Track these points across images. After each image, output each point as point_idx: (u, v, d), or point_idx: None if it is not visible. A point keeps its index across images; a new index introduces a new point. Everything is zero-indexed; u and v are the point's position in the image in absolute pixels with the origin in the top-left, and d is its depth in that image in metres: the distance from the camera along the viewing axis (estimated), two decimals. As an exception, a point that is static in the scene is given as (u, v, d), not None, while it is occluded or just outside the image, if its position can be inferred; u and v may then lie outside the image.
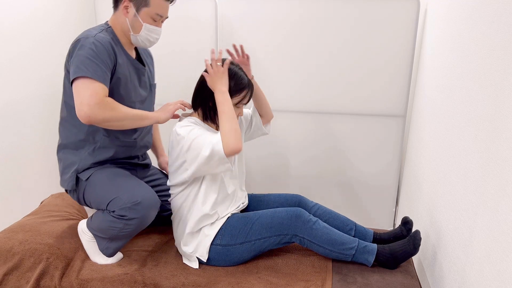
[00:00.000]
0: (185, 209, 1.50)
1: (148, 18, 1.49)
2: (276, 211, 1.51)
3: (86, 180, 1.50)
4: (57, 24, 2.23)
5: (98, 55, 1.39)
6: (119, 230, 1.44)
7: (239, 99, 1.49)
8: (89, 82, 1.36)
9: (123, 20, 1.50)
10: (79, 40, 1.40)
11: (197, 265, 1.49)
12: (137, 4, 1.47)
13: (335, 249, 1.47)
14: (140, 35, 1.52)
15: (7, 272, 1.41)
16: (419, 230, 1.51)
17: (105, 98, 1.37)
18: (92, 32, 1.43)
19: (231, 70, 1.47)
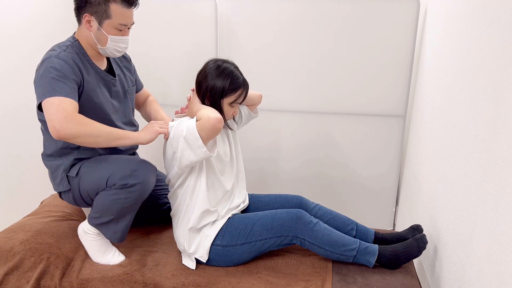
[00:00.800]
0: (184, 204, 1.51)
1: (112, 29, 1.46)
2: (277, 212, 1.51)
3: (77, 175, 1.49)
4: (56, 24, 2.22)
5: (63, 73, 1.38)
6: (123, 202, 1.43)
7: (234, 98, 1.49)
8: (57, 99, 1.34)
9: (87, 34, 1.48)
10: (43, 62, 1.40)
11: (194, 266, 1.49)
12: (98, 17, 1.43)
13: (336, 250, 1.47)
14: (108, 47, 1.49)
15: (8, 272, 1.41)
16: (425, 234, 1.50)
17: (74, 112, 1.34)
18: (55, 51, 1.43)
19: (227, 68, 1.47)
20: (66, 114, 1.32)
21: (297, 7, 2.15)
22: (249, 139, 2.44)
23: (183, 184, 1.50)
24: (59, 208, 1.75)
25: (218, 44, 2.27)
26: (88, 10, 1.43)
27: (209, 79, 1.46)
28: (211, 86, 1.46)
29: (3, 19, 1.88)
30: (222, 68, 1.47)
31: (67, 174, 1.51)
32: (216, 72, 1.46)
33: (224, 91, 1.46)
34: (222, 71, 1.46)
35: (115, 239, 1.50)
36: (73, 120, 1.32)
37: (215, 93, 1.46)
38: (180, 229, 1.53)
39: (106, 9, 1.43)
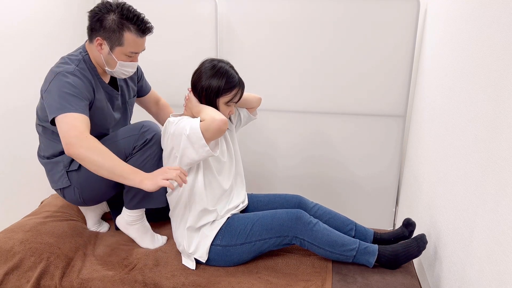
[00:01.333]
0: (182, 204, 1.50)
1: (122, 56, 1.47)
2: (276, 212, 1.51)
3: (79, 168, 1.50)
4: (56, 24, 2.23)
5: (79, 90, 1.39)
6: (152, 158, 1.49)
7: (229, 97, 1.49)
8: (70, 117, 1.35)
9: (97, 54, 1.48)
10: (57, 75, 1.40)
11: (194, 266, 1.49)
12: (110, 43, 1.44)
13: (336, 250, 1.47)
14: (115, 71, 1.51)
15: (8, 272, 1.41)
16: (425, 234, 1.51)
17: (85, 132, 1.34)
18: (69, 66, 1.43)
19: (222, 68, 1.47)
20: (78, 132, 1.32)
21: (297, 7, 2.15)
22: (249, 139, 2.44)
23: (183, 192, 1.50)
24: (59, 208, 1.75)
25: (218, 44, 2.27)
26: (101, 34, 1.43)
27: (205, 79, 1.46)
28: (207, 85, 1.46)
29: (3, 19, 1.88)
30: (218, 68, 1.47)
31: (67, 170, 1.52)
32: (211, 72, 1.46)
33: (220, 90, 1.46)
34: (217, 70, 1.46)
35: (161, 202, 1.56)
36: (82, 141, 1.31)
37: (211, 93, 1.46)
38: (179, 230, 1.53)
39: (120, 37, 1.43)
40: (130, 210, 1.58)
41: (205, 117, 1.38)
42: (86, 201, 1.58)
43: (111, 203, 1.77)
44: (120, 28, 1.42)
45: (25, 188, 2.10)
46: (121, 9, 1.42)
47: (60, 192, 1.58)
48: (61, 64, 1.45)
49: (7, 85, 1.93)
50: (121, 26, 1.42)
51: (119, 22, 1.41)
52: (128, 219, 1.59)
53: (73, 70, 1.42)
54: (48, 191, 2.20)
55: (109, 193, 1.58)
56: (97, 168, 1.32)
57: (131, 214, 1.59)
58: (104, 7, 1.43)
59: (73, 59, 1.47)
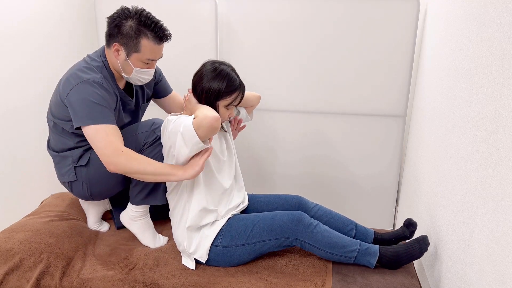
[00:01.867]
0: (182, 204, 1.51)
1: (138, 62, 1.47)
2: (277, 214, 1.51)
3: (88, 164, 1.51)
4: (56, 24, 2.23)
5: (106, 100, 1.42)
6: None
7: (230, 100, 1.49)
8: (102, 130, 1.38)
9: (114, 60, 1.49)
10: (85, 81, 1.40)
11: (194, 266, 1.49)
12: (127, 49, 1.44)
13: (337, 252, 1.47)
14: (131, 77, 1.51)
15: (8, 272, 1.41)
16: (427, 236, 1.50)
17: (120, 146, 1.38)
18: (91, 75, 1.42)
19: (224, 70, 1.47)
20: (113, 149, 1.37)
21: (297, 7, 2.15)
22: (248, 139, 2.44)
23: (181, 183, 1.50)
24: (59, 208, 1.75)
25: (218, 44, 2.27)
26: (119, 40, 1.43)
27: (206, 81, 1.46)
28: (207, 88, 1.45)
29: (3, 19, 1.88)
30: (219, 70, 1.46)
31: (75, 165, 1.53)
32: (212, 74, 1.46)
33: (220, 93, 1.45)
34: (218, 73, 1.46)
35: (164, 200, 1.59)
36: (120, 158, 1.36)
37: (211, 95, 1.46)
38: (179, 229, 1.53)
39: (137, 43, 1.43)
40: (135, 206, 1.60)
41: (198, 114, 1.38)
42: (93, 196, 1.59)
43: (113, 201, 1.78)
44: (137, 34, 1.42)
45: (25, 188, 2.10)
46: (139, 16, 1.42)
47: (68, 185, 1.59)
48: (85, 69, 1.44)
49: (7, 85, 1.93)
50: (138, 33, 1.42)
51: (137, 29, 1.41)
52: (133, 214, 1.61)
53: (100, 80, 1.43)
54: (48, 191, 2.20)
55: (117, 188, 1.60)
56: (141, 176, 1.40)
57: (136, 210, 1.60)
58: (122, 13, 1.43)
59: (96, 65, 1.47)
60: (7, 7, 1.89)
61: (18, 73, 1.99)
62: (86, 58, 1.51)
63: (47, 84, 2.18)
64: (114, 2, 2.25)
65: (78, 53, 2.41)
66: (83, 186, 1.56)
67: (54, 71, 2.22)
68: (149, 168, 1.38)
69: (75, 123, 1.40)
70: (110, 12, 1.56)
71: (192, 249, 1.49)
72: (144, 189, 1.56)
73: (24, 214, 1.87)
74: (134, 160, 1.38)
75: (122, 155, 1.37)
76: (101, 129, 1.38)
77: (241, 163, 2.41)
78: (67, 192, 1.90)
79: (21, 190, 2.08)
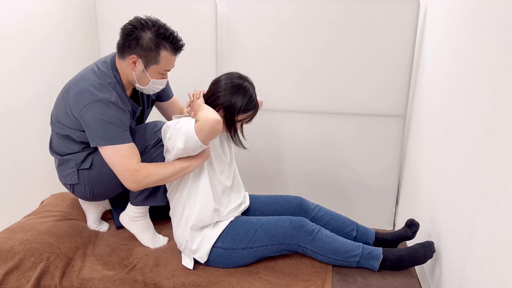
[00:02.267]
0: (183, 204, 1.51)
1: (156, 74, 1.47)
2: (279, 219, 1.51)
3: (91, 167, 1.52)
4: (56, 24, 2.23)
5: (123, 121, 1.42)
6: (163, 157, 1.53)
7: (243, 117, 1.50)
8: (118, 152, 1.39)
9: (129, 72, 1.46)
10: (100, 100, 1.38)
11: (192, 265, 1.49)
12: (145, 61, 1.42)
13: (339, 257, 1.47)
14: (146, 88, 1.51)
15: (8, 272, 1.41)
16: (433, 242, 1.49)
17: (136, 166, 1.40)
18: (111, 95, 1.41)
19: (245, 87, 1.47)
20: (130, 171, 1.39)
21: (297, 7, 2.15)
22: (248, 139, 2.43)
23: (182, 183, 1.50)
24: (59, 208, 1.75)
25: (218, 44, 2.27)
26: (137, 52, 1.41)
27: (227, 94, 1.45)
28: (229, 101, 1.45)
29: (3, 19, 1.88)
30: (243, 86, 1.47)
31: (78, 168, 1.53)
32: (236, 88, 1.46)
33: (240, 109, 1.46)
34: (242, 88, 1.46)
35: (163, 200, 1.60)
36: (137, 177, 1.40)
37: (232, 109, 1.46)
38: (179, 228, 1.53)
39: (156, 56, 1.42)
40: (134, 207, 1.60)
41: (199, 118, 1.38)
42: (95, 197, 1.59)
43: (113, 201, 1.78)
44: (157, 47, 1.40)
45: (25, 188, 2.10)
46: (157, 28, 1.40)
47: (70, 187, 1.59)
48: (99, 85, 1.41)
49: (7, 85, 1.93)
50: (158, 45, 1.40)
51: (156, 41, 1.40)
52: (132, 215, 1.61)
53: (115, 100, 1.41)
54: (48, 191, 2.20)
55: (119, 189, 1.60)
56: (163, 181, 1.45)
57: (135, 211, 1.61)
58: (139, 24, 1.40)
59: (109, 82, 1.44)
60: (7, 7, 1.89)
61: (18, 73, 1.99)
62: (95, 69, 1.46)
63: (47, 84, 2.18)
64: (114, 2, 2.25)
65: (78, 53, 2.41)
66: (85, 188, 1.56)
67: (54, 71, 2.22)
68: (167, 172, 1.42)
69: (92, 143, 1.42)
70: (110, 12, 1.56)
71: (194, 247, 1.49)
72: (145, 191, 1.56)
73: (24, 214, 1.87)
74: (151, 172, 1.41)
75: (139, 174, 1.39)
76: (117, 151, 1.39)
77: (242, 163, 2.41)
78: (67, 192, 1.90)
79: (21, 190, 2.08)
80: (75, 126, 1.46)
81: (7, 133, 1.96)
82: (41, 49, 2.13)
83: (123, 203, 1.69)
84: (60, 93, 1.51)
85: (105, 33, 2.32)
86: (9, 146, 1.98)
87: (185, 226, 1.50)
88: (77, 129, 1.46)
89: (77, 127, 1.46)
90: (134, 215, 1.61)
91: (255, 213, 1.68)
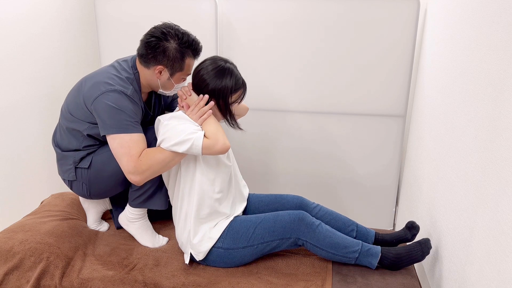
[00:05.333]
0: (181, 195, 1.50)
1: (179, 79, 1.52)
2: (278, 214, 1.51)
3: (90, 167, 1.52)
4: (56, 24, 2.23)
5: (133, 111, 1.42)
6: None
7: (235, 98, 1.50)
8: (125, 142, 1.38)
9: (153, 79, 1.49)
10: (115, 90, 1.40)
11: (188, 261, 1.50)
12: (172, 70, 1.46)
13: (338, 252, 1.47)
14: (170, 92, 1.56)
15: (8, 272, 1.41)
16: (429, 239, 1.50)
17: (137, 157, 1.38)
18: (128, 88, 1.43)
19: (229, 69, 1.48)
20: (133, 163, 1.37)
21: (297, 7, 2.15)
22: (249, 139, 2.44)
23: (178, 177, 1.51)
24: (59, 208, 1.75)
25: (218, 44, 2.27)
26: (164, 63, 1.44)
27: (213, 79, 1.46)
28: (218, 86, 1.45)
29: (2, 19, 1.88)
30: (226, 68, 1.47)
31: (76, 166, 1.53)
32: (220, 73, 1.46)
33: (231, 90, 1.47)
34: (226, 71, 1.47)
35: (162, 205, 1.60)
36: (139, 168, 1.37)
37: (223, 94, 1.46)
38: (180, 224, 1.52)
39: (182, 64, 1.47)
40: (132, 208, 1.60)
41: (208, 135, 1.40)
42: (92, 196, 1.59)
43: (113, 200, 1.78)
44: (182, 55, 1.45)
45: (25, 188, 2.10)
46: (182, 36, 1.43)
47: (68, 183, 1.60)
48: (117, 78, 1.44)
49: (7, 85, 1.93)
50: (183, 54, 1.45)
51: (181, 51, 1.44)
52: (130, 216, 1.62)
53: (131, 93, 1.43)
54: (48, 191, 2.20)
55: (117, 190, 1.60)
56: (165, 168, 1.42)
57: (134, 212, 1.61)
58: (161, 35, 1.42)
59: (127, 77, 1.47)
60: (7, 6, 1.89)
61: (18, 73, 1.99)
62: (116, 65, 1.50)
63: (47, 83, 2.18)
64: (114, 2, 2.25)
65: (78, 52, 2.41)
66: (82, 186, 1.56)
67: (54, 70, 2.22)
68: (166, 157, 1.39)
69: (102, 131, 1.41)
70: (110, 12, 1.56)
71: (195, 240, 1.48)
72: (144, 194, 1.56)
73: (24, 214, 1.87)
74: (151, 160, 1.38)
75: (140, 164, 1.37)
76: (125, 141, 1.38)
77: (242, 163, 2.41)
78: (67, 192, 1.90)
79: (21, 190, 2.08)
80: (86, 118, 1.46)
81: (7, 133, 1.96)
82: (41, 49, 2.13)
83: (124, 203, 1.69)
84: (75, 85, 1.52)
85: (105, 33, 2.32)
86: (9, 146, 1.98)
87: (186, 220, 1.50)
88: (86, 121, 1.46)
89: (87, 119, 1.46)
90: (132, 216, 1.62)
91: (255, 212, 1.69)
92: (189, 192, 1.49)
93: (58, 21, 2.23)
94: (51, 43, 2.19)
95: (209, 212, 1.49)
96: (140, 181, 1.40)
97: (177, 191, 1.53)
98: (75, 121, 1.48)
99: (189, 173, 1.49)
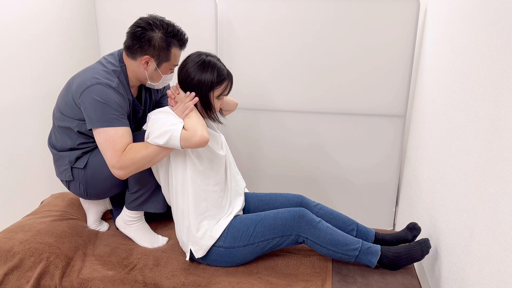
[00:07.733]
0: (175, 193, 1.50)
1: (167, 70, 1.53)
2: (278, 212, 1.51)
3: (85, 167, 1.52)
4: (56, 24, 2.23)
5: (119, 104, 1.42)
6: None
7: (220, 90, 1.49)
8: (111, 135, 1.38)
9: (140, 70, 1.50)
10: (100, 83, 1.40)
11: (187, 257, 1.50)
12: (158, 60, 1.47)
13: (339, 250, 1.47)
14: (158, 84, 1.56)
15: (8, 272, 1.41)
16: (429, 239, 1.51)
17: (121, 151, 1.38)
18: (113, 81, 1.44)
19: (211, 62, 1.47)
20: (117, 157, 1.37)
21: (297, 7, 2.15)
22: (248, 139, 2.44)
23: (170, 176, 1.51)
24: (59, 208, 1.75)
25: (218, 44, 2.27)
26: (150, 53, 1.46)
27: (196, 74, 1.45)
28: (198, 80, 1.45)
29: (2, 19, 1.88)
30: (207, 62, 1.46)
31: (72, 166, 1.53)
32: (201, 67, 1.46)
33: (213, 84, 1.46)
34: (207, 64, 1.46)
35: (159, 208, 1.60)
36: (122, 162, 1.37)
37: (203, 87, 1.46)
38: (179, 221, 1.52)
39: (168, 53, 1.48)
40: (129, 211, 1.60)
41: (187, 127, 1.39)
42: (90, 196, 1.60)
43: (114, 200, 1.78)
44: (167, 45, 1.46)
45: (25, 188, 2.10)
46: (166, 26, 1.45)
47: (66, 183, 1.60)
48: (103, 72, 1.45)
49: (7, 85, 1.93)
50: (169, 43, 1.46)
51: (166, 40, 1.45)
52: (127, 219, 1.62)
53: (116, 86, 1.44)
54: (48, 191, 2.20)
55: (115, 191, 1.60)
56: (150, 163, 1.41)
57: (130, 215, 1.61)
58: (147, 25, 1.44)
59: (113, 69, 1.48)
60: (7, 7, 1.89)
61: (18, 73, 1.99)
62: (102, 60, 1.51)
63: (47, 83, 2.18)
64: (114, 2, 2.25)
65: (78, 52, 2.41)
66: (79, 186, 1.56)
67: (54, 70, 2.22)
68: (151, 153, 1.38)
69: (88, 125, 1.42)
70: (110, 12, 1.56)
71: (199, 235, 1.48)
72: (141, 197, 1.56)
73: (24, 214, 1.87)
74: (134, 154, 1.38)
75: (123, 159, 1.37)
76: (110, 135, 1.38)
77: (241, 162, 2.41)
78: (67, 192, 1.90)
79: (21, 190, 2.08)
80: (75, 115, 1.46)
81: (7, 133, 1.96)
82: (40, 49, 2.13)
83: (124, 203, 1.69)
84: (65, 85, 1.53)
85: (105, 33, 2.32)
86: (9, 146, 1.98)
87: (183, 216, 1.49)
88: (75, 118, 1.47)
89: (76, 116, 1.46)
90: (128, 219, 1.62)
91: (255, 211, 1.69)
92: (182, 188, 1.48)
93: (58, 21, 2.23)
94: (51, 43, 2.19)
95: (208, 205, 1.49)
96: (124, 175, 1.40)
97: (170, 189, 1.53)
98: (66, 120, 1.49)
99: (178, 169, 1.48)
